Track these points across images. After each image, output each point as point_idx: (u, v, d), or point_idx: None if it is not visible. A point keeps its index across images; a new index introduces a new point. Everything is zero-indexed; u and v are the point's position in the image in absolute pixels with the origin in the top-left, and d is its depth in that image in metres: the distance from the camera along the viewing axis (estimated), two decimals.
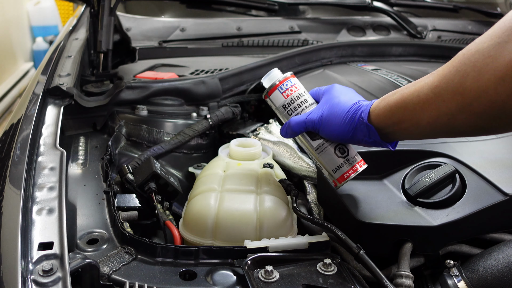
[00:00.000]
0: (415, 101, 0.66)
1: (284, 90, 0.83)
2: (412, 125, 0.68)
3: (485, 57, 0.58)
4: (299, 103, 0.83)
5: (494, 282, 0.71)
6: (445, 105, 0.63)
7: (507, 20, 0.58)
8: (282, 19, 1.92)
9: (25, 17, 4.83)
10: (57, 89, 1.08)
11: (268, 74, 0.86)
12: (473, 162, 0.85)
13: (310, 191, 0.97)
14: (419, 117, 0.66)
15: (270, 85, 0.84)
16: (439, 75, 0.64)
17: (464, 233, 0.80)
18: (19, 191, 0.69)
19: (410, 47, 1.71)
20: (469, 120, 0.62)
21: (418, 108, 0.66)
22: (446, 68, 0.63)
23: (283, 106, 0.84)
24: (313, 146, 0.81)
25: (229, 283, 0.68)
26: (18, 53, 4.51)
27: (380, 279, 0.68)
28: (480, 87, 0.58)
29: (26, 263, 0.57)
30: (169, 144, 1.12)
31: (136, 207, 0.86)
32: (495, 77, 0.57)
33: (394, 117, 0.70)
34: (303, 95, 0.84)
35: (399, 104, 0.69)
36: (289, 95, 0.83)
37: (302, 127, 0.80)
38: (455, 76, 0.61)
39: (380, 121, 0.72)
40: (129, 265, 0.70)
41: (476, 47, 0.60)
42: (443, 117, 0.64)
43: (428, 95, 0.64)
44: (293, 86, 0.84)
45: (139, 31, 1.75)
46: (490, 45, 0.58)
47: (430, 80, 0.65)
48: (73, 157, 1.02)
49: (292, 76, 0.85)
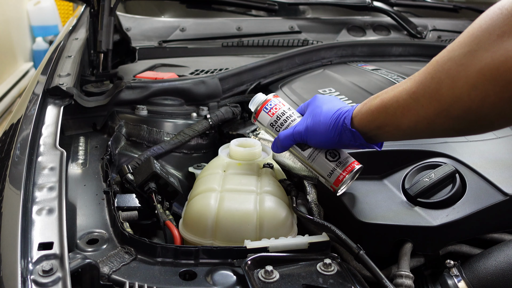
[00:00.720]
0: (395, 106, 0.69)
1: (269, 109, 0.89)
2: (394, 129, 0.71)
3: (457, 65, 0.60)
4: (285, 118, 0.88)
5: (494, 282, 0.71)
6: (423, 110, 0.65)
7: (475, 28, 0.60)
8: (282, 19, 1.92)
9: (25, 17, 4.83)
10: (57, 89, 1.08)
11: (253, 99, 0.92)
12: (473, 162, 0.85)
13: (310, 191, 0.97)
14: (399, 122, 0.69)
15: (256, 108, 0.90)
16: (416, 81, 0.66)
17: (464, 233, 0.80)
18: (19, 191, 0.69)
19: (410, 47, 1.71)
20: (447, 124, 0.64)
21: (398, 113, 0.69)
22: (422, 74, 0.66)
23: (270, 124, 0.89)
24: (304, 156, 0.85)
25: (229, 283, 0.68)
26: (18, 53, 4.51)
27: (380, 279, 0.68)
28: (455, 94, 0.61)
29: (26, 263, 0.57)
30: (169, 144, 1.12)
31: (136, 207, 0.86)
32: (468, 85, 0.59)
33: (376, 121, 0.73)
34: (287, 111, 0.89)
35: (380, 109, 0.71)
36: (274, 113, 0.88)
37: (290, 139, 0.84)
38: (431, 83, 0.64)
39: (364, 126, 0.75)
40: (129, 265, 0.69)
41: (448, 55, 0.62)
42: (422, 121, 0.66)
43: (406, 101, 0.67)
44: (277, 105, 0.89)
45: (139, 31, 1.75)
46: (461, 54, 0.60)
47: (408, 86, 0.67)
48: (73, 157, 1.02)
49: (275, 97, 0.91)
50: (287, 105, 0.90)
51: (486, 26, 0.59)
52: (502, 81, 0.56)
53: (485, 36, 0.58)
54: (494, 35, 0.57)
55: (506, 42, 0.56)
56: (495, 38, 0.57)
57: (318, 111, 0.81)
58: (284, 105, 0.90)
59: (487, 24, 0.59)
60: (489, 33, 0.58)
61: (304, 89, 1.29)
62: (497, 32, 0.57)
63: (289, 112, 0.89)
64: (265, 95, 0.91)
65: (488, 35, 0.58)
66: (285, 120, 0.88)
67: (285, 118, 0.88)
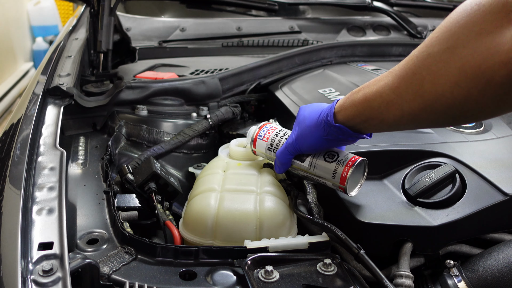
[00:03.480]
0: (378, 101, 0.69)
1: (263, 136, 0.92)
2: (379, 122, 0.71)
3: (437, 62, 0.60)
4: (279, 139, 0.90)
5: (494, 282, 0.71)
6: (407, 106, 0.65)
7: (453, 24, 0.59)
8: (282, 19, 1.92)
9: (25, 17, 4.84)
10: (57, 89, 1.08)
11: (248, 132, 0.96)
12: (473, 162, 0.85)
13: (310, 191, 0.97)
14: (384, 116, 0.69)
15: (251, 139, 0.93)
16: (398, 76, 0.66)
17: (464, 233, 0.80)
18: (19, 191, 0.69)
19: (410, 47, 1.70)
20: (432, 117, 0.65)
21: (382, 107, 0.69)
22: (403, 69, 0.66)
23: (268, 148, 0.91)
24: (306, 166, 0.85)
25: (229, 283, 0.68)
26: (18, 53, 4.52)
27: (380, 279, 0.68)
28: (438, 91, 0.61)
29: (26, 263, 0.57)
30: (169, 144, 1.12)
31: (136, 207, 0.86)
32: (450, 82, 0.59)
33: (361, 116, 0.73)
34: (280, 132, 0.91)
35: (364, 104, 0.71)
36: (268, 137, 0.91)
37: (286, 154, 0.85)
38: (413, 79, 0.63)
39: (349, 120, 0.74)
40: (129, 265, 0.69)
41: (427, 50, 0.62)
42: (407, 116, 0.66)
43: (390, 96, 0.67)
44: (269, 129, 0.92)
45: (139, 31, 1.75)
46: (440, 50, 0.60)
47: (390, 81, 0.67)
48: (73, 157, 1.02)
49: (267, 123, 0.94)
50: (280, 127, 0.93)
51: (464, 22, 0.58)
52: (484, 79, 0.55)
53: (464, 33, 0.57)
54: (473, 32, 0.56)
55: (485, 39, 0.55)
56: (474, 35, 0.56)
57: (302, 118, 0.81)
58: (276, 128, 0.92)
59: (465, 21, 0.58)
60: (467, 30, 0.57)
61: (304, 89, 1.29)
62: (476, 29, 0.56)
63: (282, 132, 0.91)
64: (257, 125, 0.94)
65: (467, 32, 0.57)
66: (279, 140, 0.90)
67: (279, 138, 0.90)
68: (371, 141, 0.91)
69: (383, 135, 0.94)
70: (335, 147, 0.83)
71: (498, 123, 0.98)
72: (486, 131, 0.95)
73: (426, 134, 0.94)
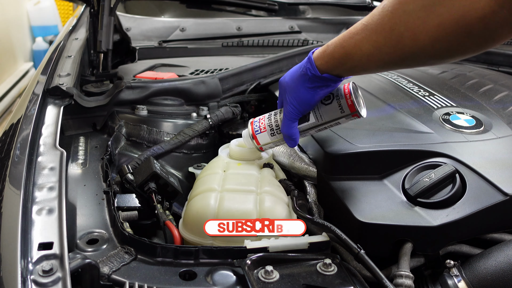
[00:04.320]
0: (359, 54, 0.73)
1: (259, 128, 0.92)
2: (362, 70, 0.78)
3: (415, 19, 0.63)
4: (274, 120, 0.91)
5: (494, 282, 0.71)
6: (388, 57, 0.70)
7: None
8: (282, 19, 1.92)
9: (25, 17, 4.83)
10: (57, 89, 1.08)
11: (244, 137, 0.97)
12: (473, 162, 0.85)
13: (310, 191, 0.97)
14: (366, 66, 0.75)
15: (251, 138, 0.94)
16: (375, 31, 0.69)
17: (464, 233, 0.80)
18: (19, 191, 0.69)
19: None
20: (413, 64, 0.73)
21: (364, 60, 0.73)
22: (379, 24, 0.68)
23: (271, 135, 0.92)
24: (314, 121, 0.87)
25: (229, 283, 0.68)
26: (18, 53, 4.51)
27: (380, 279, 0.68)
28: (419, 45, 0.65)
29: (26, 263, 0.57)
30: (169, 144, 1.11)
31: (136, 207, 0.86)
32: (430, 38, 0.63)
33: (343, 66, 0.77)
34: (270, 115, 0.92)
35: (345, 57, 0.75)
36: (265, 125, 0.92)
37: (289, 124, 0.87)
38: (391, 34, 0.67)
39: (331, 70, 0.79)
40: (129, 265, 0.69)
41: (402, 8, 0.65)
42: (389, 65, 0.74)
43: (370, 50, 0.71)
44: (260, 121, 0.93)
45: (139, 31, 1.75)
46: (416, 8, 0.63)
47: (367, 35, 0.70)
48: (73, 157, 1.02)
49: (253, 119, 0.95)
50: (267, 113, 0.94)
51: None
52: (463, 33, 0.60)
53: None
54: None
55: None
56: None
57: (286, 85, 0.85)
58: (263, 116, 0.93)
59: None
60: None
61: None
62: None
63: (271, 114, 0.92)
64: (248, 126, 0.96)
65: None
66: (275, 120, 0.91)
67: (274, 119, 0.91)
68: (371, 141, 0.92)
69: (383, 135, 0.94)
70: (324, 95, 0.85)
71: (498, 123, 0.98)
72: (486, 131, 0.95)
73: (426, 134, 0.94)
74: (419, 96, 1.10)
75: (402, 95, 1.12)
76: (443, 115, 1.00)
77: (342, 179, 0.89)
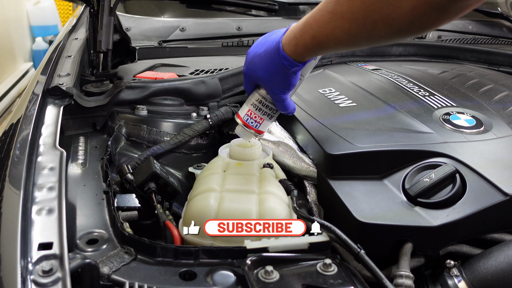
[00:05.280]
0: (333, 42, 0.75)
1: (255, 121, 0.94)
2: (334, 54, 0.89)
3: (387, 6, 0.65)
4: (265, 106, 0.92)
5: (495, 282, 0.71)
6: (362, 42, 0.74)
7: None
8: (282, 19, 1.92)
9: (24, 17, 4.83)
10: (56, 89, 1.08)
11: (241, 133, 0.97)
12: (473, 162, 0.85)
13: (310, 191, 0.97)
14: (339, 50, 0.88)
15: (253, 133, 0.95)
16: (348, 19, 0.70)
17: (465, 233, 0.80)
18: (18, 191, 0.69)
19: (410, 47, 1.71)
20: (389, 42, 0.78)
21: (339, 47, 0.78)
22: (350, 13, 0.70)
23: (269, 118, 0.94)
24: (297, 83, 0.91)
25: (229, 283, 0.68)
26: (17, 53, 4.51)
27: (380, 279, 0.68)
28: (394, 29, 0.67)
29: (25, 263, 0.57)
30: (169, 144, 1.11)
31: (136, 207, 0.86)
32: (405, 21, 0.65)
33: (313, 53, 0.81)
34: (257, 105, 0.93)
35: (318, 46, 0.78)
36: (260, 116, 0.93)
37: (283, 102, 0.89)
38: (365, 22, 0.68)
39: (305, 58, 0.82)
40: (129, 265, 0.69)
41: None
42: (361, 47, 0.80)
43: (344, 37, 0.73)
44: (251, 114, 0.94)
45: (139, 31, 1.74)
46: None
47: (339, 24, 0.71)
48: (73, 157, 1.02)
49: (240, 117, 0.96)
50: (250, 104, 0.94)
51: None
52: (436, 11, 0.62)
53: None
54: None
55: None
56: None
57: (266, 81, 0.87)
58: (250, 109, 0.94)
59: None
60: None
61: (304, 89, 1.29)
62: None
63: (256, 102, 0.93)
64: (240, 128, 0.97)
65: None
66: (266, 105, 0.92)
67: (265, 106, 0.92)
68: (371, 141, 0.91)
69: (383, 135, 0.94)
70: None
71: (498, 123, 0.98)
72: (486, 131, 0.95)
73: (426, 134, 0.94)
74: (419, 96, 1.10)
75: (402, 95, 1.12)
76: (443, 115, 1.00)
77: (342, 179, 0.89)
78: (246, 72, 0.91)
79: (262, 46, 0.88)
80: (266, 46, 0.86)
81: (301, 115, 1.08)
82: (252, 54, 0.90)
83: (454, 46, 1.79)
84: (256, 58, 0.88)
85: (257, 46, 0.90)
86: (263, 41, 0.89)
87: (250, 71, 0.89)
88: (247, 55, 0.92)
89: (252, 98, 0.94)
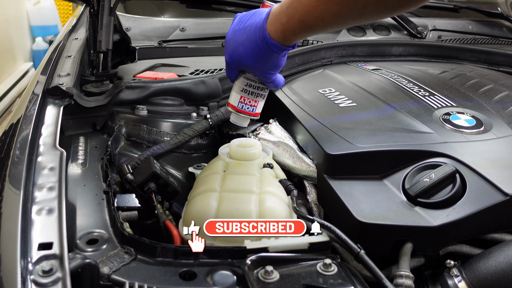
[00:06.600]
0: (321, 25, 0.76)
1: (251, 106, 0.97)
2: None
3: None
4: (257, 88, 0.95)
5: (495, 282, 0.71)
6: (352, 22, 0.79)
7: None
8: None
9: (24, 17, 4.83)
10: (56, 89, 1.08)
11: (236, 119, 1.01)
12: (473, 162, 0.85)
13: (310, 191, 0.97)
14: (327, 31, 0.86)
15: (250, 118, 0.99)
16: (336, 2, 0.71)
17: (465, 233, 0.80)
18: (18, 191, 0.69)
19: (410, 47, 1.71)
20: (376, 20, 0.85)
21: (327, 28, 0.79)
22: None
23: (262, 98, 0.97)
24: None
25: (229, 283, 0.68)
26: (17, 53, 4.51)
27: (380, 279, 0.68)
28: (386, 8, 0.68)
29: (25, 263, 0.57)
30: (169, 144, 1.11)
31: (136, 207, 0.86)
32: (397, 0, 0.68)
33: (302, 36, 0.82)
34: (247, 90, 0.96)
35: (306, 30, 0.79)
36: (254, 99, 0.96)
37: (273, 82, 0.92)
38: (356, 4, 0.70)
39: (293, 41, 0.83)
40: (129, 265, 0.69)
41: None
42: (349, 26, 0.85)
43: (333, 20, 0.74)
44: (244, 100, 0.97)
45: (139, 31, 1.74)
46: None
47: (328, 8, 0.72)
48: (73, 157, 1.02)
49: (233, 105, 1.00)
50: (240, 91, 0.97)
51: None
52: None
53: None
54: None
55: None
56: None
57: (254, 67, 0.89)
58: (241, 94, 0.97)
59: None
60: None
61: (304, 89, 1.29)
62: None
63: (247, 87, 0.95)
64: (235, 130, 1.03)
65: None
66: (258, 87, 0.95)
67: (257, 88, 0.95)
68: (371, 141, 0.91)
69: (383, 135, 0.94)
70: None
71: (498, 123, 0.98)
72: (486, 131, 0.95)
73: (426, 134, 0.94)
74: (419, 96, 1.10)
75: (402, 95, 1.12)
76: (443, 115, 1.00)
77: (342, 179, 0.89)
78: (229, 62, 0.91)
79: (243, 33, 0.87)
80: (248, 33, 0.86)
81: (301, 115, 1.08)
82: (233, 43, 0.89)
83: (454, 46, 1.79)
84: (239, 47, 0.88)
85: (236, 33, 0.89)
86: (241, 27, 0.88)
87: (235, 61, 0.90)
88: (227, 43, 0.91)
89: (240, 84, 0.95)
